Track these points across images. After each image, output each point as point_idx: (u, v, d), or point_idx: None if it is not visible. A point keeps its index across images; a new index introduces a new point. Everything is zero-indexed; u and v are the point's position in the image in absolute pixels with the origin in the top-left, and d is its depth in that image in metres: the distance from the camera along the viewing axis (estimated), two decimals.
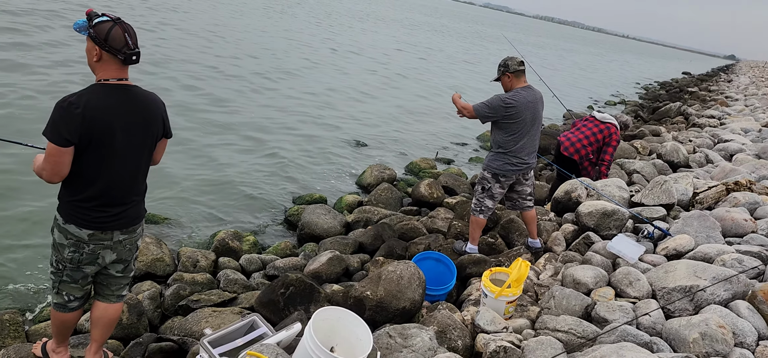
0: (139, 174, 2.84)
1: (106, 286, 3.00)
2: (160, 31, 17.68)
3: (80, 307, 3.01)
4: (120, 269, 2.97)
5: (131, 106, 2.68)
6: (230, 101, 11.83)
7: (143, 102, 2.75)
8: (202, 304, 4.44)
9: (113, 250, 2.84)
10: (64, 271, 2.85)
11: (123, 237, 2.83)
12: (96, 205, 2.70)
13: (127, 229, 2.84)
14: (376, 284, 4.14)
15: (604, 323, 3.77)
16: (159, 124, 2.85)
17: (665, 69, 58.66)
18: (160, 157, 3.06)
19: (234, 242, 5.73)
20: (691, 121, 14.50)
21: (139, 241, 3.00)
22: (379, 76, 19.42)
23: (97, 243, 2.77)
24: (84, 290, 2.96)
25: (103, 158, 2.64)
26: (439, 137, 12.66)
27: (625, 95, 27.73)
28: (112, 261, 2.90)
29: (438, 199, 7.61)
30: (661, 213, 5.76)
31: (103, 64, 2.61)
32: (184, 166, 7.88)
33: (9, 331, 3.76)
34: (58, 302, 2.95)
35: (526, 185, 5.29)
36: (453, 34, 52.04)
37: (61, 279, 2.88)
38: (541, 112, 5.12)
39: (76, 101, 2.52)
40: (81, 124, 2.52)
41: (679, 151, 8.79)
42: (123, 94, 2.65)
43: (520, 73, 5.01)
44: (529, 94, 4.98)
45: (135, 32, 2.67)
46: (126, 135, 2.67)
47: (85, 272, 2.86)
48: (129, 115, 2.66)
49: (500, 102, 4.93)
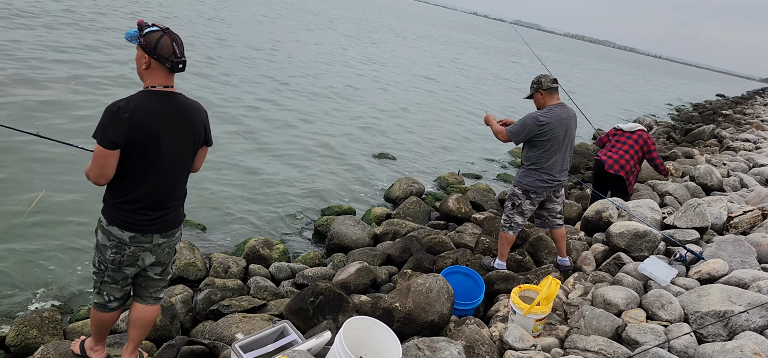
0: (180, 179, 2.93)
1: (145, 288, 3.08)
2: (205, 40, 18.06)
3: (119, 308, 3.09)
4: (158, 272, 3.05)
5: (176, 112, 2.77)
6: (265, 112, 12.02)
7: (187, 109, 2.83)
8: (232, 309, 4.51)
9: (153, 252, 2.92)
10: (106, 271, 2.94)
11: (162, 240, 2.91)
12: (139, 208, 2.79)
13: (167, 232, 2.92)
14: (405, 295, 4.16)
15: (635, 345, 3.73)
16: (201, 132, 2.93)
17: (698, 90, 57.68)
18: (200, 164, 3.13)
19: (264, 249, 5.81)
20: (725, 144, 14.23)
21: (177, 245, 3.08)
22: (413, 90, 19.51)
23: (137, 245, 2.85)
24: (124, 291, 3.04)
25: (147, 162, 2.73)
26: (468, 153, 12.66)
27: (657, 116, 27.34)
28: (151, 264, 2.98)
29: (466, 214, 7.61)
30: (694, 236, 5.67)
31: (151, 71, 2.71)
32: (218, 173, 8.03)
33: (48, 328, 3.87)
34: (98, 301, 3.04)
35: (557, 202, 5.27)
36: (488, 50, 52.01)
37: (103, 280, 2.97)
38: (574, 129, 5.11)
39: (124, 106, 2.62)
40: (128, 128, 2.61)
41: (712, 174, 8.64)
42: (169, 101, 2.75)
43: (552, 91, 5.02)
44: (562, 111, 4.98)
45: (182, 42, 2.77)
46: (170, 140, 2.75)
47: (125, 273, 2.94)
48: (174, 121, 2.75)
49: (534, 120, 4.94)
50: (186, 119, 2.82)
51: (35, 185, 6.27)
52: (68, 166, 6.79)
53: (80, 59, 12.13)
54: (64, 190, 6.33)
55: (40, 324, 3.85)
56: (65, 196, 6.23)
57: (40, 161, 6.88)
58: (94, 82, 10.70)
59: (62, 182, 6.50)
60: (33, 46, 12.05)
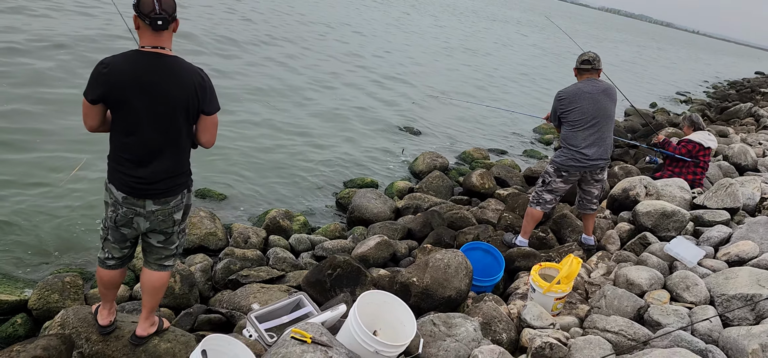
0: (166, 143, 2.82)
1: (149, 253, 3.12)
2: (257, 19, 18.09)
3: (117, 267, 3.12)
4: (160, 240, 3.04)
5: (158, 73, 2.69)
6: (295, 84, 12.01)
7: (173, 71, 2.73)
8: (251, 279, 4.53)
9: (147, 218, 2.91)
10: (108, 230, 3.01)
11: (155, 208, 2.89)
12: (125, 168, 2.82)
13: (160, 200, 2.89)
14: (423, 271, 4.13)
15: (657, 327, 3.64)
16: (188, 97, 2.77)
17: (736, 68, 55.80)
18: (207, 137, 2.97)
19: (285, 221, 5.82)
20: (762, 123, 13.77)
21: (176, 215, 3.00)
22: (442, 56, 19.26)
23: (129, 207, 2.87)
24: (122, 253, 3.07)
25: (128, 121, 2.74)
26: (496, 128, 12.48)
27: (692, 93, 26.59)
28: (148, 230, 2.98)
29: (489, 189, 7.51)
30: (725, 217, 5.50)
31: (141, 31, 2.71)
32: (240, 144, 8.05)
33: (69, 292, 3.94)
34: (100, 256, 3.11)
35: (595, 186, 5.14)
36: (521, 24, 51.07)
37: (105, 237, 3.04)
38: (610, 106, 4.94)
39: (106, 63, 2.67)
40: (104, 85, 2.66)
41: (747, 154, 8.37)
42: (152, 61, 2.69)
43: (583, 71, 5.01)
44: (587, 85, 4.88)
45: (171, 0, 2.69)
46: (148, 100, 2.70)
47: (123, 233, 2.97)
48: (154, 82, 2.69)
49: (556, 96, 5.03)
50: (169, 82, 2.72)
51: (81, 154, 6.34)
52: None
53: None
54: (104, 159, 6.37)
55: (62, 289, 3.92)
56: (105, 164, 6.27)
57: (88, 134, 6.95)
58: None
59: (105, 147, 6.54)
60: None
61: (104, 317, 3.24)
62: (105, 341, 3.20)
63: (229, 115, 8.71)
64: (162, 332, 3.35)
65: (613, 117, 4.99)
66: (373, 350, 3.01)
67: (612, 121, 4.98)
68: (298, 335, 2.87)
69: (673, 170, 6.82)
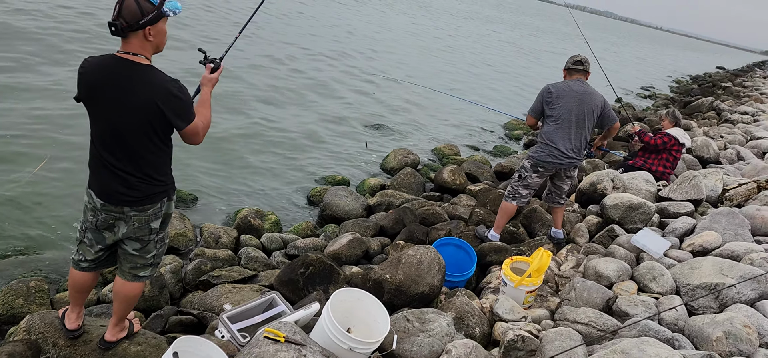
0: (132, 153, 2.75)
1: (124, 261, 3.02)
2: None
3: (90, 270, 3.06)
4: (136, 248, 2.97)
5: (121, 81, 2.63)
6: (260, 82, 11.89)
7: (135, 80, 2.64)
8: (222, 280, 4.48)
9: (126, 223, 2.87)
10: (85, 231, 2.96)
11: (133, 213, 2.85)
12: (101, 175, 2.79)
13: (136, 207, 2.84)
14: (396, 267, 4.14)
15: (625, 317, 3.72)
16: (151, 110, 2.67)
17: (698, 62, 57.23)
18: (190, 142, 2.90)
19: (256, 220, 5.77)
20: (723, 116, 14.16)
21: (153, 223, 2.94)
22: (413, 58, 19.31)
23: (109, 213, 2.84)
24: (96, 255, 3.00)
25: (97, 127, 2.75)
26: (466, 125, 12.56)
27: (657, 88, 27.18)
28: (126, 236, 2.92)
29: (461, 185, 7.57)
30: (689, 209, 5.64)
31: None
32: (209, 144, 7.95)
33: (35, 297, 3.85)
34: (73, 257, 3.06)
35: (566, 182, 5.23)
36: (492, 22, 51.47)
37: (81, 240, 2.99)
38: (592, 109, 4.98)
39: (85, 62, 2.69)
40: (80, 85, 2.70)
41: (709, 147, 8.60)
42: (118, 68, 2.64)
43: (572, 72, 5.08)
44: (576, 85, 4.97)
45: (133, 6, 2.57)
46: (111, 107, 2.66)
47: (104, 236, 2.92)
48: (114, 88, 2.64)
49: (546, 88, 5.05)
50: (130, 92, 2.64)
51: (45, 150, 6.20)
52: (77, 131, 6.73)
53: None
54: (69, 158, 6.24)
55: (27, 294, 3.83)
56: (69, 163, 6.14)
57: (54, 127, 6.82)
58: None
59: (70, 146, 6.43)
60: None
61: (72, 320, 3.17)
62: (73, 345, 3.13)
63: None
64: (132, 336, 3.29)
65: (594, 119, 5.05)
66: (347, 347, 3.01)
67: (592, 123, 5.05)
68: (271, 335, 2.85)
69: (646, 161, 6.98)
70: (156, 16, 2.63)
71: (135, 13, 2.58)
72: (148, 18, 2.60)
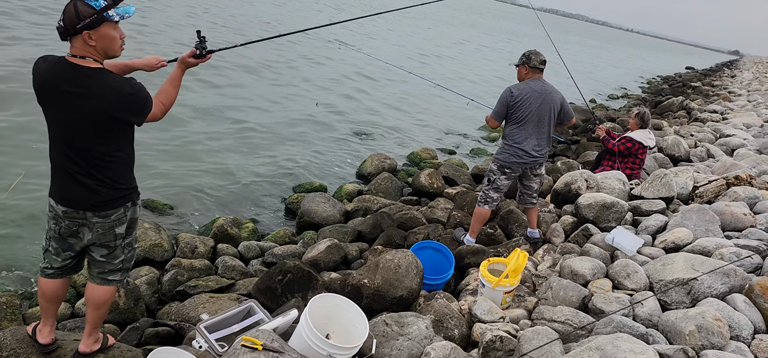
0: (83, 153, 2.71)
1: (93, 266, 3.02)
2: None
3: (58, 277, 3.02)
4: (103, 254, 2.93)
5: (64, 83, 2.61)
6: (236, 89, 11.82)
7: (80, 82, 2.61)
8: (199, 290, 4.44)
9: (90, 229, 2.84)
10: (50, 240, 2.92)
11: (96, 220, 2.81)
12: (62, 180, 2.78)
13: (99, 212, 2.81)
14: (374, 272, 4.14)
15: (600, 314, 3.77)
16: (99, 111, 2.63)
17: (668, 63, 58.36)
18: (153, 118, 2.85)
19: (233, 229, 5.73)
20: (693, 115, 14.44)
21: (117, 229, 2.90)
22: (389, 66, 19.33)
23: (71, 220, 2.80)
24: (63, 263, 2.97)
25: (50, 130, 2.73)
26: (443, 128, 12.63)
27: (628, 89, 27.65)
28: (91, 242, 2.89)
29: (438, 189, 7.61)
30: (661, 206, 5.74)
31: None
32: (184, 152, 7.88)
33: (6, 313, 3.77)
34: (41, 265, 3.03)
35: (534, 180, 5.27)
36: (455, 23, 51.83)
37: (47, 248, 2.96)
38: (554, 107, 5.05)
39: (38, 60, 2.68)
40: (34, 85, 2.69)
41: (680, 145, 8.77)
42: (62, 70, 2.62)
43: (537, 71, 5.07)
44: (537, 84, 4.99)
45: (71, 10, 2.54)
46: (59, 108, 2.66)
47: (70, 243, 2.89)
48: (59, 90, 2.62)
49: (508, 91, 5.02)
50: (75, 94, 2.61)
51: (20, 168, 6.08)
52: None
53: None
54: (46, 175, 6.12)
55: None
56: (46, 180, 6.02)
57: (29, 144, 6.69)
58: None
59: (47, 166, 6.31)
60: None
61: (44, 335, 3.10)
62: None
63: (173, 123, 8.51)
64: (107, 349, 3.23)
65: (555, 117, 5.12)
66: (326, 353, 3.01)
67: (554, 120, 5.12)
68: (248, 343, 2.84)
69: (613, 165, 7.08)
70: (96, 20, 2.56)
71: (72, 17, 2.55)
72: (85, 22, 2.54)
